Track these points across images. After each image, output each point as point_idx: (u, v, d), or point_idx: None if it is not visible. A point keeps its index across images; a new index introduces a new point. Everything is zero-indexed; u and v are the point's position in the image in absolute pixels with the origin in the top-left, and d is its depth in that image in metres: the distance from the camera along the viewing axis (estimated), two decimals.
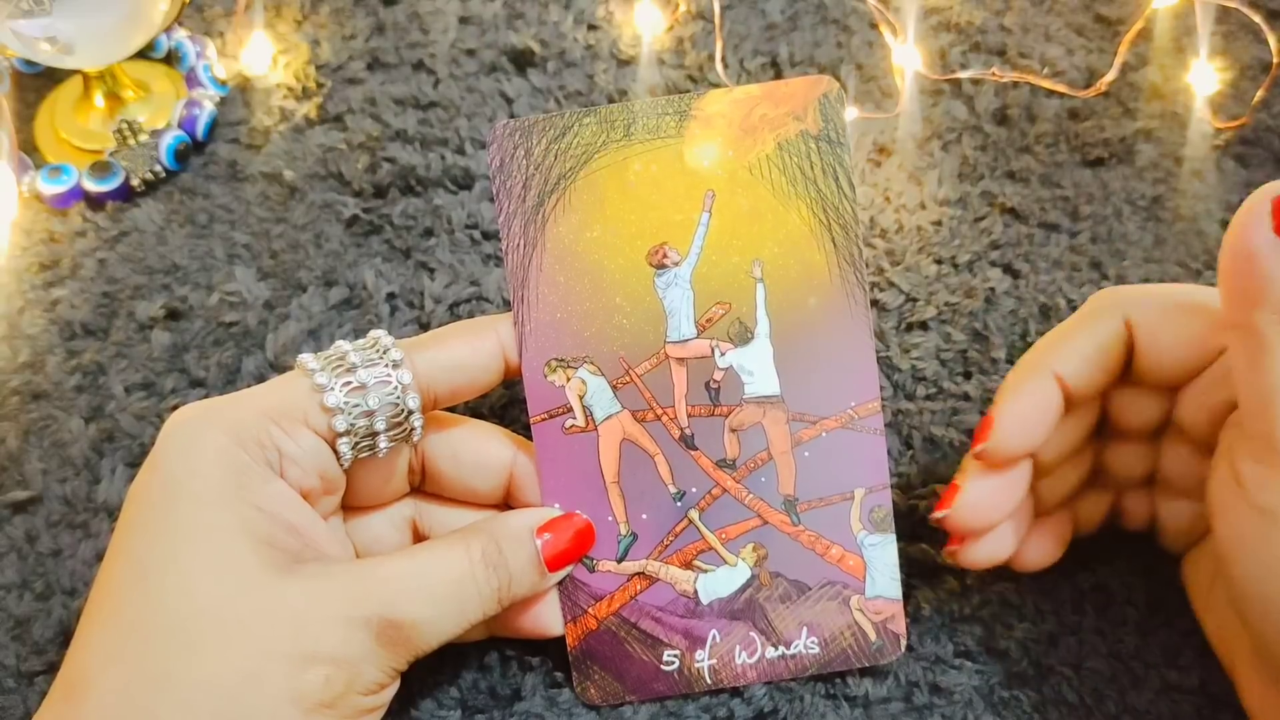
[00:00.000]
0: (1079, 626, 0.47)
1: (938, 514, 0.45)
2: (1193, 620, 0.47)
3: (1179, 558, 0.48)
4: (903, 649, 0.46)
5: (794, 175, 0.45)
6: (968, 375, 0.54)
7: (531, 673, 0.47)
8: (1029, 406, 0.43)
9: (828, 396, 0.45)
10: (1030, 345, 0.54)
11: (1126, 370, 0.45)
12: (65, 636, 0.48)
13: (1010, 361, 0.55)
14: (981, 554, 0.46)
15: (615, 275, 0.45)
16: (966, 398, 0.54)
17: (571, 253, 0.45)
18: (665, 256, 0.45)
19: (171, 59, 0.68)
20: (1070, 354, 0.44)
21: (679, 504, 0.46)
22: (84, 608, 0.39)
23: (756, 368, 0.45)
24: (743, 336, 0.45)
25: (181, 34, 0.67)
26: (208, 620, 0.38)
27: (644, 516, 0.46)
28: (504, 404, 0.53)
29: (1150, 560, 0.49)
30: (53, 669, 0.47)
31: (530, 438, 0.46)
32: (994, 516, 0.45)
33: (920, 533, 0.50)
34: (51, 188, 0.61)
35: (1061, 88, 0.64)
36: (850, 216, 0.45)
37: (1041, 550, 0.47)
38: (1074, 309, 0.55)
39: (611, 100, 0.65)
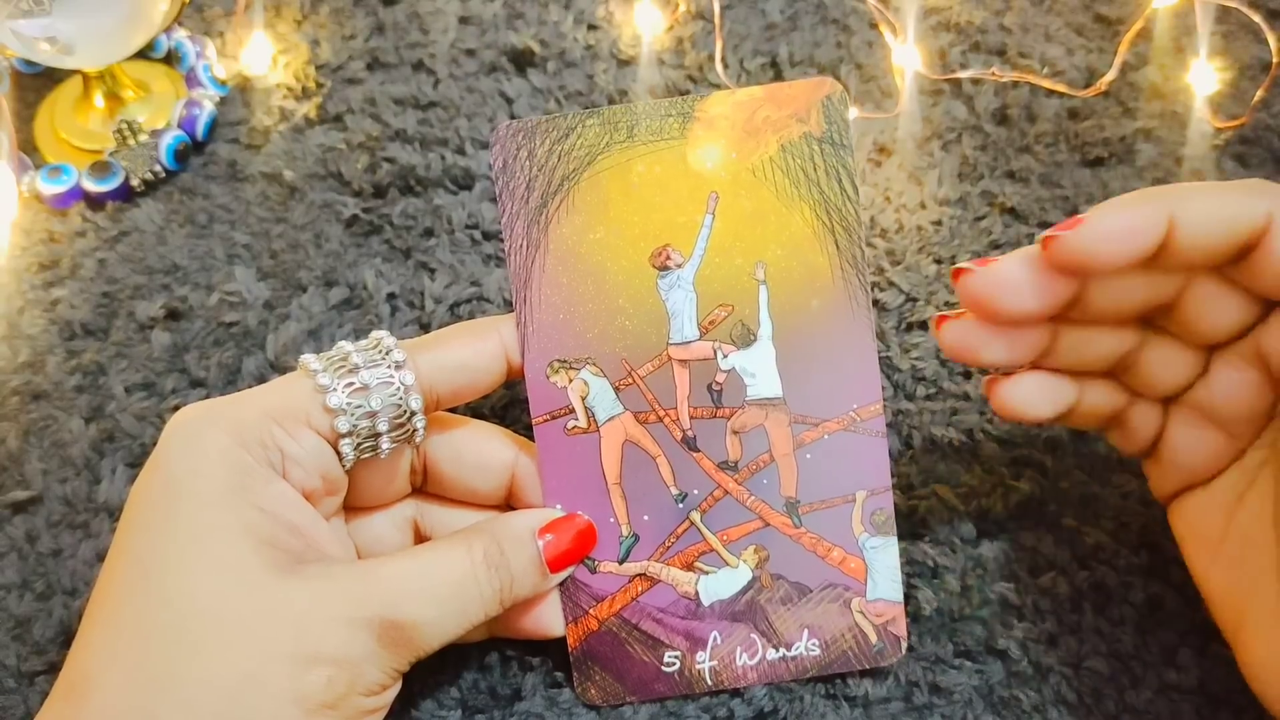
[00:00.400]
0: (1078, 626, 0.47)
1: (964, 266, 0.41)
2: (1192, 620, 0.47)
3: (1163, 505, 0.46)
4: (903, 651, 0.46)
5: (797, 177, 0.45)
6: (968, 375, 0.54)
7: (532, 673, 0.47)
8: (1129, 224, 0.39)
9: (830, 399, 0.45)
10: None
11: (1233, 262, 0.40)
12: (66, 636, 0.48)
13: None
14: (970, 339, 0.42)
15: (618, 277, 0.45)
16: (966, 398, 0.54)
17: (574, 254, 0.45)
18: (668, 258, 0.45)
19: (171, 59, 0.68)
20: (1198, 206, 0.39)
21: (681, 505, 0.46)
22: (85, 608, 0.39)
23: (759, 370, 0.45)
24: (745, 339, 0.45)
25: (181, 34, 0.67)
26: (210, 621, 0.38)
27: (645, 518, 0.46)
28: (504, 404, 0.53)
29: (1149, 560, 0.49)
30: (53, 669, 0.47)
31: (532, 438, 0.46)
32: (1015, 305, 0.41)
33: (921, 533, 0.50)
34: (51, 188, 0.61)
35: (1061, 88, 0.64)
36: (853, 219, 0.45)
37: (1032, 397, 0.44)
38: None
39: (611, 100, 0.65)
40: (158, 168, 0.62)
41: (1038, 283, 0.41)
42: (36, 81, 0.67)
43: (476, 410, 0.52)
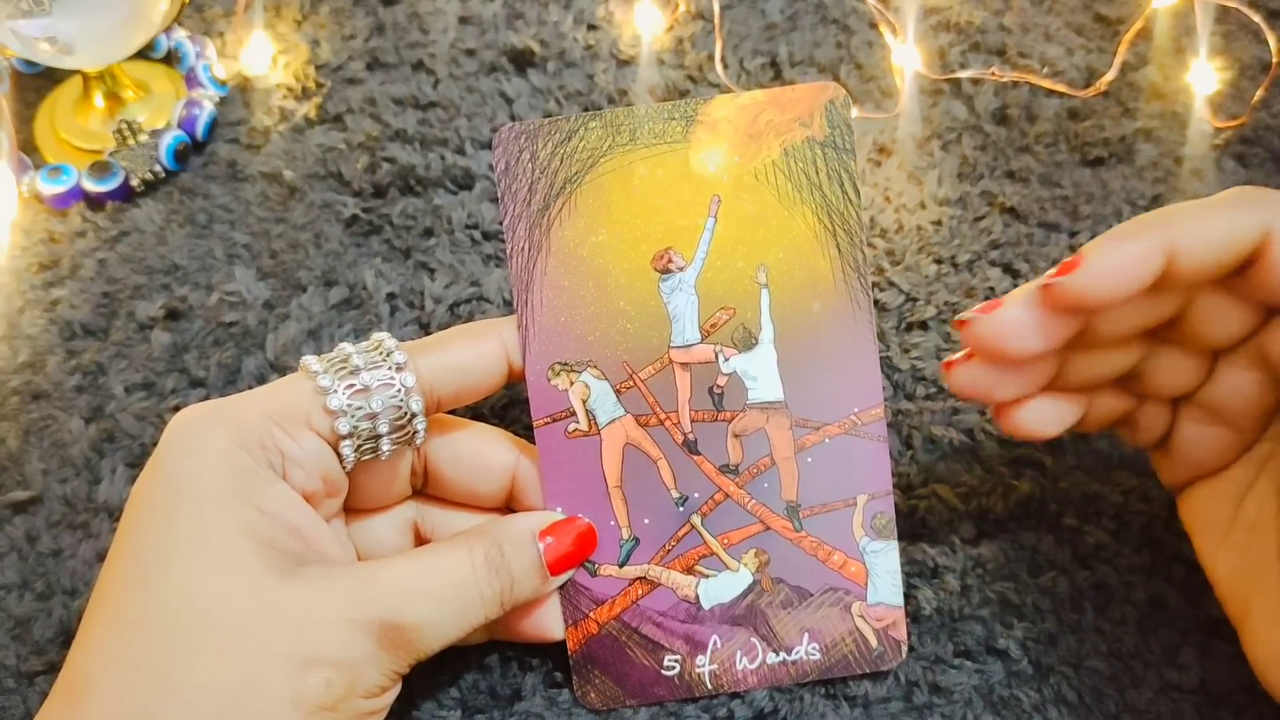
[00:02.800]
0: (1079, 626, 0.48)
1: (966, 316, 0.42)
2: (1193, 620, 0.47)
3: (1173, 499, 0.47)
4: (904, 656, 0.46)
5: (799, 181, 0.45)
6: None
7: (531, 673, 0.47)
8: (1129, 262, 0.38)
9: (831, 402, 0.45)
10: None
11: (1235, 275, 0.40)
12: (65, 637, 0.48)
13: None
14: (980, 381, 0.43)
15: (620, 279, 0.45)
16: None
17: (576, 257, 0.45)
18: (670, 261, 0.45)
19: (171, 59, 0.68)
20: (1196, 232, 0.39)
21: (681, 509, 0.46)
22: (85, 608, 0.39)
23: (760, 373, 0.45)
24: (746, 342, 0.45)
25: (181, 34, 0.67)
26: (209, 622, 0.38)
27: (646, 521, 0.46)
28: (504, 404, 0.53)
29: (1150, 559, 0.49)
30: (53, 669, 0.47)
31: (532, 440, 0.46)
32: (1020, 349, 0.41)
33: (920, 533, 0.50)
34: (51, 188, 0.61)
35: (1061, 87, 0.64)
36: (855, 222, 0.45)
37: (1041, 418, 0.44)
38: None
39: (611, 100, 0.65)
40: (158, 168, 0.62)
41: (1042, 324, 0.41)
42: (36, 81, 0.67)
43: (475, 410, 0.52)
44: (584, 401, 0.45)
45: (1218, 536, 0.44)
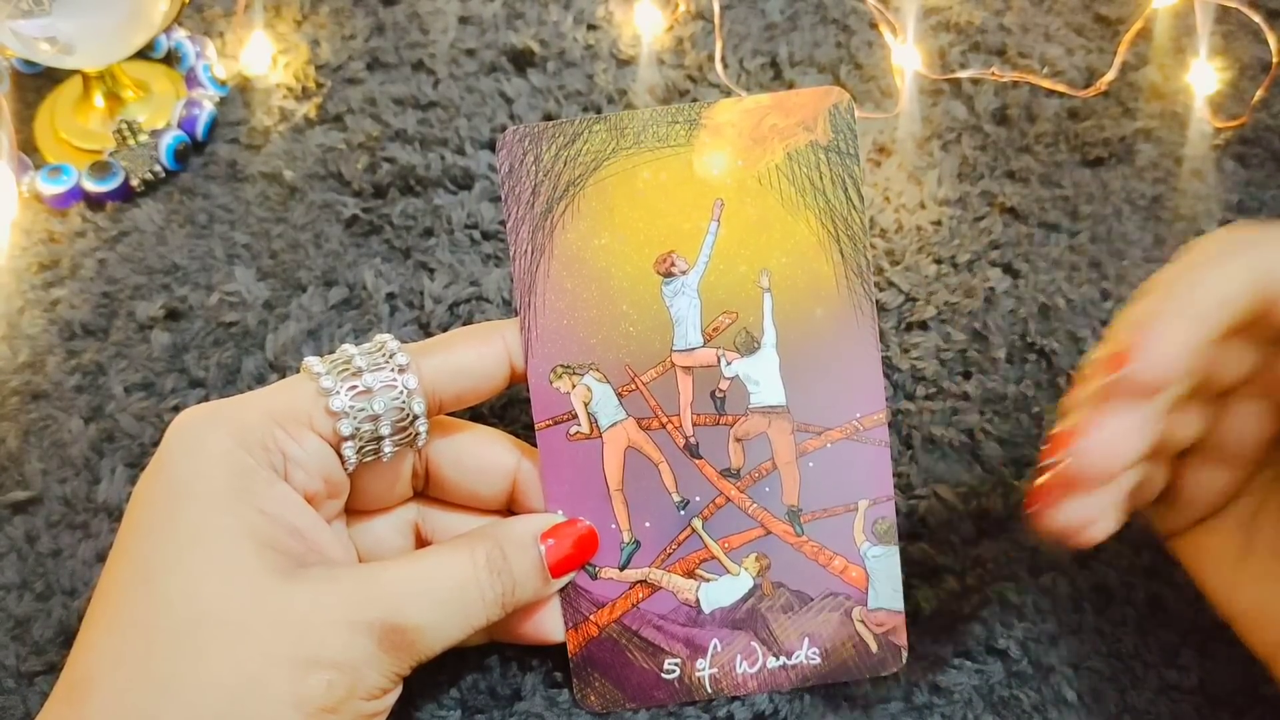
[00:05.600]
0: (1079, 626, 0.48)
1: (1051, 459, 0.38)
2: (1193, 620, 0.47)
3: (1166, 541, 0.45)
4: (904, 661, 0.46)
5: (803, 186, 0.45)
6: (967, 375, 0.55)
7: (531, 673, 0.47)
8: (1191, 324, 0.36)
9: (833, 407, 0.45)
10: (1030, 345, 0.55)
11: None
12: (65, 637, 0.48)
13: (1010, 361, 0.55)
14: (1078, 513, 0.38)
15: (623, 283, 0.45)
16: (966, 398, 0.54)
17: (579, 259, 0.45)
18: (673, 265, 0.45)
19: (171, 59, 0.68)
20: (1223, 285, 0.37)
21: (682, 512, 0.46)
22: (87, 609, 0.40)
23: (762, 377, 0.45)
24: (749, 346, 0.45)
25: (181, 34, 0.67)
26: (211, 623, 0.38)
27: (647, 524, 0.46)
28: (504, 404, 0.53)
29: (1150, 560, 0.49)
30: (53, 669, 0.47)
31: (533, 442, 0.46)
32: (1125, 459, 0.37)
33: (920, 533, 0.50)
34: (51, 188, 0.61)
35: (1061, 87, 0.64)
36: (859, 228, 0.45)
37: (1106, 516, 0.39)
38: (1073, 309, 0.55)
39: (611, 100, 0.65)
40: (158, 168, 0.62)
41: (1134, 424, 0.37)
42: (36, 81, 0.67)
43: (476, 411, 0.52)
44: (586, 404, 0.45)
45: (1229, 569, 0.43)
